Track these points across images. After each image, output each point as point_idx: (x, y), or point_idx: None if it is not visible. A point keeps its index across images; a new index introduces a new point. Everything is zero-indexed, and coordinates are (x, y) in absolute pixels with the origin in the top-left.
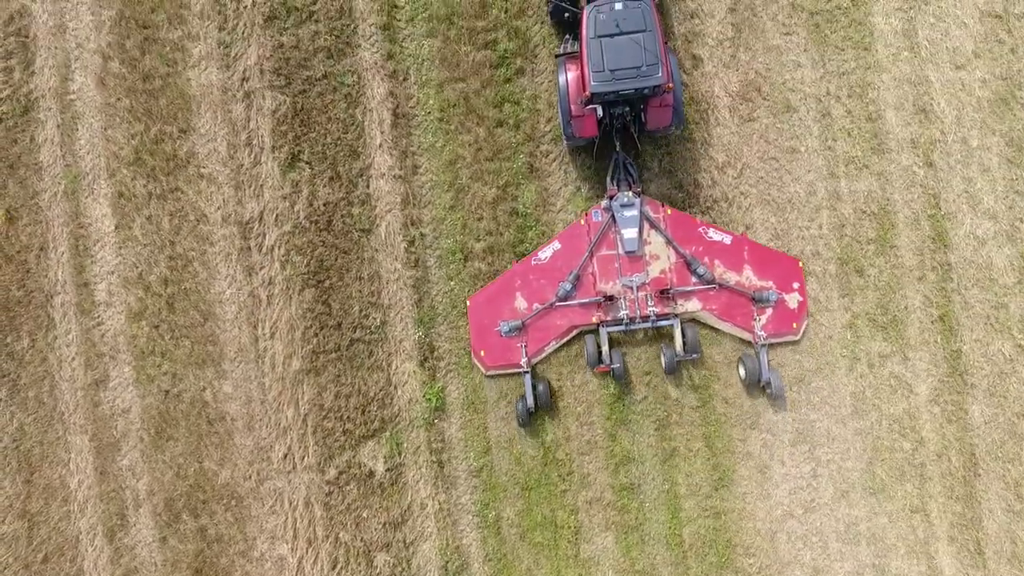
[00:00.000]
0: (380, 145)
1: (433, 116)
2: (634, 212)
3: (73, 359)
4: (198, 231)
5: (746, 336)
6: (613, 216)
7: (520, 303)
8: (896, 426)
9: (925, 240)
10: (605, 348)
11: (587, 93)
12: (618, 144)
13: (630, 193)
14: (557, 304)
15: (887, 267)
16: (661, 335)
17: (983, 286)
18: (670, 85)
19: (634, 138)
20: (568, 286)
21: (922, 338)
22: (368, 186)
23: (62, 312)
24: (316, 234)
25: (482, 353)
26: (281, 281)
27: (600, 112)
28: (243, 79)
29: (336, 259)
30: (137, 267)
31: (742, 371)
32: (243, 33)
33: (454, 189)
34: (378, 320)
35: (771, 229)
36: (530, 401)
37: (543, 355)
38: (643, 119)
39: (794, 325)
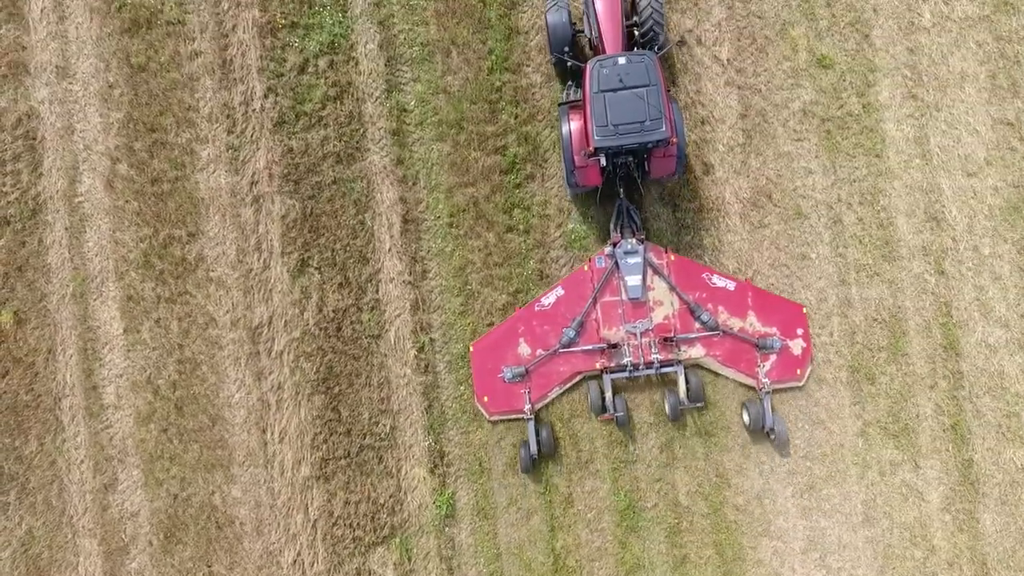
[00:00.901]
0: (389, 250)
1: (443, 221)
2: (638, 259)
3: (82, 462)
4: (207, 335)
5: (750, 382)
6: (616, 263)
7: (523, 349)
8: (907, 534)
9: (936, 348)
10: (609, 395)
11: (591, 148)
12: (621, 191)
13: (634, 240)
14: (560, 350)
15: (898, 375)
16: (665, 381)
17: (995, 394)
18: (674, 140)
19: (638, 184)
20: (571, 333)
21: (933, 446)
22: (377, 291)
23: (70, 415)
24: (325, 340)
25: (485, 399)
26: (290, 387)
27: (604, 161)
28: (252, 183)
29: (345, 365)
30: (146, 370)
31: (746, 417)
32: (252, 136)
33: (464, 294)
34: (388, 426)
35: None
36: (533, 448)
37: (546, 400)
38: (647, 167)
39: (798, 371)
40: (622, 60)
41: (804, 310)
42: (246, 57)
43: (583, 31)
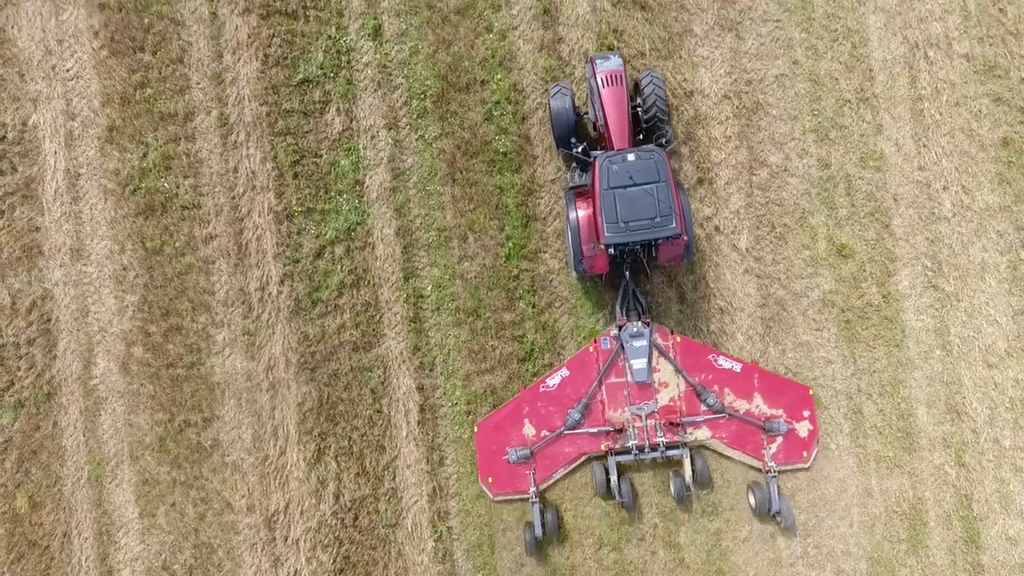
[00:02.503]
0: (407, 436)
1: (460, 408)
2: (643, 342)
3: None
4: (223, 520)
5: (756, 464)
6: (622, 345)
7: (528, 430)
8: None
9: (957, 540)
10: (614, 478)
11: (601, 245)
12: (627, 273)
13: (639, 323)
14: (565, 432)
15: (918, 567)
16: (671, 463)
17: None
18: (685, 237)
19: (644, 266)
20: (577, 415)
21: None
22: (395, 479)
23: None
24: (342, 530)
25: (490, 480)
26: (307, 575)
27: (613, 251)
28: (268, 368)
29: (363, 555)
30: (161, 555)
31: (752, 500)
32: (268, 322)
33: None
34: None
35: (801, 526)
36: (538, 530)
37: (551, 481)
38: (654, 253)
39: (804, 454)
40: (631, 157)
41: (811, 392)
42: (262, 242)
43: (587, 113)
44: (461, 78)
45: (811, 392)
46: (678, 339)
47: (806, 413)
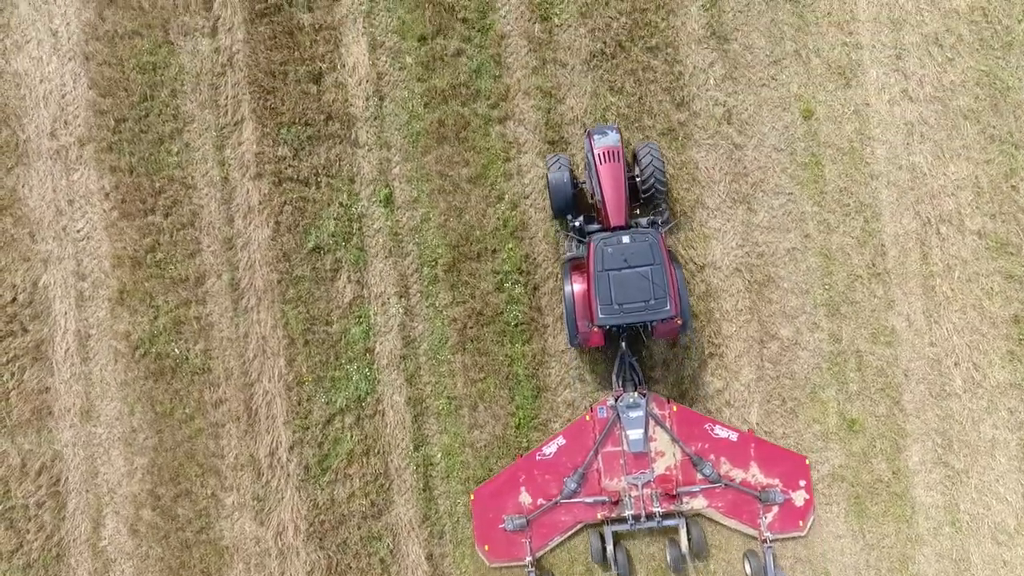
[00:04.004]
0: None
1: (469, 575)
2: (640, 413)
3: None
4: None
5: (752, 533)
6: (618, 414)
7: (525, 498)
8: None
9: None
10: (610, 547)
11: (595, 326)
12: (624, 344)
13: (636, 394)
14: (562, 501)
15: None
16: (667, 531)
17: None
18: (679, 321)
19: (641, 337)
20: (573, 484)
21: None
22: None
23: None
24: None
25: (486, 548)
26: None
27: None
28: (277, 534)
29: None
30: None
31: (748, 569)
32: (277, 487)
33: None
34: None
35: None
36: None
37: (547, 548)
38: (650, 329)
39: (800, 523)
40: (626, 239)
41: (807, 461)
42: (271, 408)
43: (584, 183)
44: (472, 247)
45: (807, 461)
46: (674, 408)
47: (802, 483)
